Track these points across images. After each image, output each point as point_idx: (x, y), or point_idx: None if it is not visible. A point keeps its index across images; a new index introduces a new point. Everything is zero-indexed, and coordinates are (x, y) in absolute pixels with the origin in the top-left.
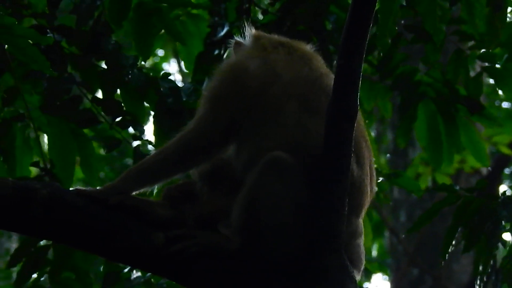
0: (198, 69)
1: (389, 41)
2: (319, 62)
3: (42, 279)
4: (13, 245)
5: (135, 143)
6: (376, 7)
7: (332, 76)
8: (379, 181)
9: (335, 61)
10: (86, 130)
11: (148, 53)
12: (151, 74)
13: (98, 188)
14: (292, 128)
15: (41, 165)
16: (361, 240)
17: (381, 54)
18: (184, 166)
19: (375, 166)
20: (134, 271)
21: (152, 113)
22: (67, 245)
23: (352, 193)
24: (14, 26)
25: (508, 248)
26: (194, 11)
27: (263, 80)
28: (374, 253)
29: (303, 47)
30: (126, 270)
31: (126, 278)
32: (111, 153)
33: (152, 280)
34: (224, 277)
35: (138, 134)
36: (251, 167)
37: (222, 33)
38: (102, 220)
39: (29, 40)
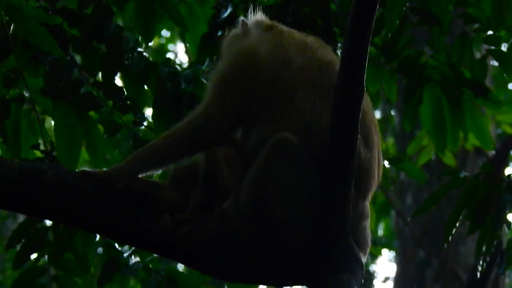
0: (202, 50)
1: (397, 23)
2: (329, 49)
3: (41, 260)
4: None
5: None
6: None
7: None
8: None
9: (340, 44)
10: (92, 113)
11: (150, 36)
12: (150, 59)
13: (104, 169)
14: (305, 112)
15: (42, 148)
16: (367, 223)
17: (389, 35)
18: (191, 150)
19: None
20: (133, 257)
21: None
22: (73, 227)
23: (359, 175)
24: (22, 6)
25: None
26: None
27: (275, 65)
28: (380, 232)
29: (311, 37)
30: (125, 255)
31: (125, 263)
32: (118, 136)
33: (150, 265)
34: (232, 259)
35: (138, 120)
36: (260, 150)
37: (226, 14)
38: (109, 202)
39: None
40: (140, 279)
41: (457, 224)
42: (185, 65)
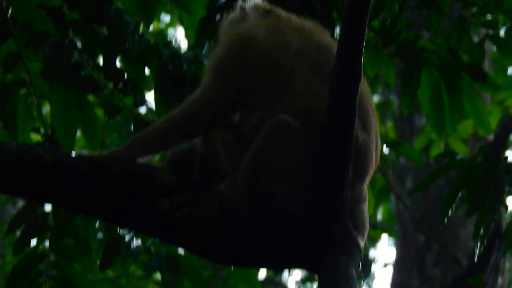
0: (200, 34)
1: (397, 8)
2: (327, 33)
3: (41, 245)
4: None
5: (142, 110)
6: None
7: None
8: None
9: (338, 28)
10: (90, 97)
11: (151, 18)
12: (151, 41)
13: (102, 153)
14: (303, 93)
15: (42, 131)
16: (365, 206)
17: (388, 20)
18: (190, 135)
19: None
20: (134, 239)
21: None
22: (71, 211)
23: (357, 158)
24: None
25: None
26: None
27: (273, 49)
28: (379, 217)
29: (309, 22)
30: (127, 239)
31: (126, 246)
32: (117, 120)
33: (152, 248)
34: (230, 242)
35: (139, 101)
36: (258, 132)
37: None
38: (107, 186)
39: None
40: (141, 262)
41: (454, 206)
42: (184, 50)
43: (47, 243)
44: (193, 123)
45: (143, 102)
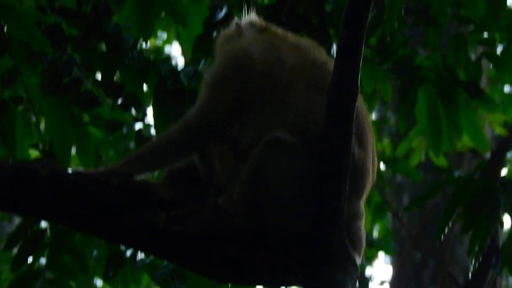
0: (197, 50)
1: (396, 24)
2: (322, 51)
3: (39, 262)
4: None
5: (137, 126)
6: None
7: None
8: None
9: (335, 44)
10: (85, 115)
11: (149, 33)
12: (151, 57)
13: (99, 169)
14: (300, 107)
15: (41, 147)
16: (362, 222)
17: (388, 37)
18: (187, 151)
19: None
20: (139, 253)
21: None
22: (68, 227)
23: (353, 174)
24: (15, 5)
25: (509, 231)
26: None
27: (268, 65)
28: (375, 234)
29: (305, 39)
30: (129, 253)
31: (131, 259)
32: (114, 135)
33: (156, 262)
34: (226, 258)
35: (140, 116)
36: (256, 145)
37: (221, 15)
38: (103, 202)
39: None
40: (148, 272)
41: (450, 223)
42: (181, 67)
43: (43, 260)
44: (191, 139)
45: (144, 116)
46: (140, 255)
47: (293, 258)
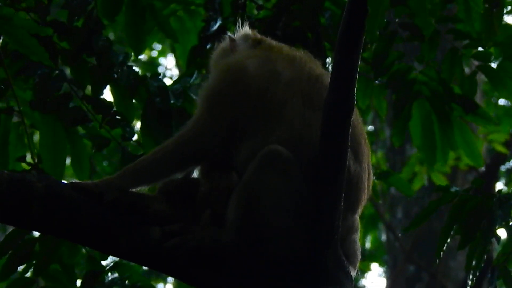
0: (191, 63)
1: (377, 33)
2: (318, 64)
3: (28, 272)
4: None
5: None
6: None
7: None
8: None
9: (330, 58)
10: (79, 128)
11: (141, 48)
12: (139, 72)
13: (94, 181)
14: (295, 123)
15: (29, 160)
16: (357, 236)
17: (370, 46)
18: (181, 166)
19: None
20: (110, 274)
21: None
22: (62, 238)
23: (349, 189)
24: (13, 17)
25: (503, 245)
26: (192, 7)
27: (264, 80)
28: (368, 245)
29: (300, 52)
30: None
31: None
32: (103, 152)
33: (127, 282)
34: (222, 273)
35: (127, 134)
36: (251, 162)
37: (215, 27)
38: (98, 215)
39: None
40: None
41: (448, 239)
42: (175, 78)
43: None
44: (185, 154)
45: (132, 135)
46: (114, 274)
47: (288, 272)
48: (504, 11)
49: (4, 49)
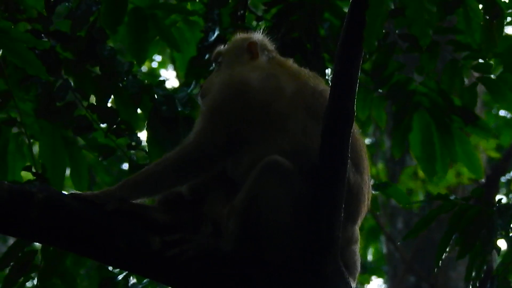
0: (189, 73)
1: (376, 43)
2: (321, 80)
3: (29, 283)
4: None
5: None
6: None
7: None
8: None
9: (329, 69)
10: (78, 138)
11: (143, 58)
12: (145, 81)
13: (94, 192)
14: (297, 133)
15: (33, 170)
16: (357, 247)
17: (367, 56)
18: (182, 179)
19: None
20: (131, 277)
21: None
22: (63, 249)
23: (349, 199)
24: (10, 30)
25: (503, 256)
26: (192, 18)
27: (267, 94)
28: (370, 257)
29: (303, 69)
30: (120, 277)
31: (123, 284)
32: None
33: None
34: (222, 283)
35: (134, 143)
36: (251, 172)
37: (213, 38)
38: (98, 225)
39: (25, 44)
40: None
41: (448, 249)
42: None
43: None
44: (187, 166)
45: (138, 144)
46: (132, 280)
47: (288, 282)
48: (505, 22)
49: (5, 59)
